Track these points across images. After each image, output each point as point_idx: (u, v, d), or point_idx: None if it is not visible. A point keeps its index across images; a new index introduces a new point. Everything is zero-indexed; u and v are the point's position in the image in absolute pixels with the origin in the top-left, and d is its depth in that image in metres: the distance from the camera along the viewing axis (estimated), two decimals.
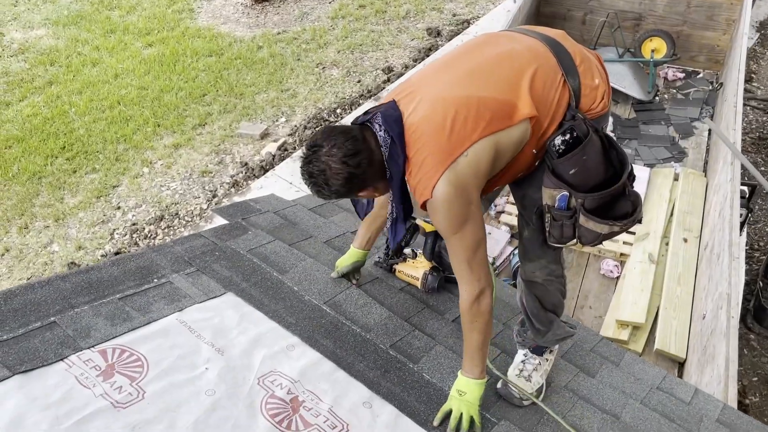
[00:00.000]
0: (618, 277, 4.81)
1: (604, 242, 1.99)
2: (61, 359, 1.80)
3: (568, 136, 1.82)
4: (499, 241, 4.82)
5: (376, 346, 2.20)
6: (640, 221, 1.92)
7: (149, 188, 6.05)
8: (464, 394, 1.92)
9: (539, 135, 1.84)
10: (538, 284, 2.12)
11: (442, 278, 2.53)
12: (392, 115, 1.77)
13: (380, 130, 1.77)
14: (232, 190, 6.02)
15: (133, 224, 5.66)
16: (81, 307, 2.00)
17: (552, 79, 1.83)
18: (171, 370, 1.89)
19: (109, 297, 2.08)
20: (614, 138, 1.94)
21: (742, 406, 4.36)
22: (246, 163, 6.30)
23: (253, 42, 8.25)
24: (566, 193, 1.84)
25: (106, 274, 2.18)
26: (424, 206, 1.80)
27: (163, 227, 5.65)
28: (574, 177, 1.82)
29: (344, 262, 2.43)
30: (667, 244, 4.95)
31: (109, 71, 7.50)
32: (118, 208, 5.84)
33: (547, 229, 1.94)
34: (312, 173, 1.77)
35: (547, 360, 2.23)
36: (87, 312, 1.98)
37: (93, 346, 1.88)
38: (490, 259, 4.84)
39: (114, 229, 5.63)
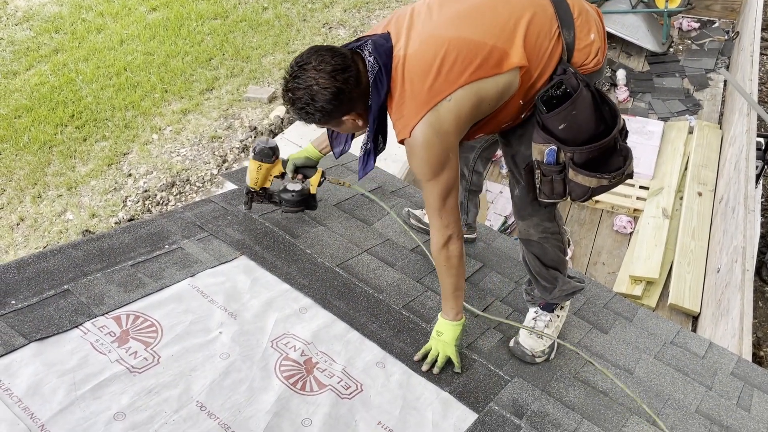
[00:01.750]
0: (631, 233, 4.79)
1: (599, 197, 1.96)
2: (76, 326, 1.82)
3: (557, 90, 1.78)
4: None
5: (388, 306, 2.20)
6: (630, 175, 1.88)
7: (159, 155, 6.04)
8: (441, 334, 1.98)
9: (528, 86, 1.80)
10: (534, 242, 2.11)
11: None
12: (383, 45, 1.74)
13: (369, 57, 1.74)
14: (242, 155, 6.00)
15: (145, 191, 5.67)
16: (94, 274, 2.01)
17: (547, 30, 1.78)
18: (185, 334, 1.91)
19: (122, 264, 2.09)
20: (606, 93, 1.89)
21: (757, 359, 4.36)
22: (255, 127, 6.26)
23: (257, 3, 8.11)
24: (554, 147, 1.81)
25: (117, 242, 2.19)
26: (402, 142, 1.79)
27: (174, 193, 5.66)
28: (564, 132, 1.79)
29: (297, 155, 2.44)
30: (681, 198, 4.90)
31: (114, 37, 7.43)
32: (129, 175, 5.85)
33: (538, 185, 1.91)
34: (297, 88, 1.70)
35: (558, 317, 2.23)
36: (100, 279, 2.00)
37: (107, 313, 1.89)
38: (502, 218, 4.81)
39: (126, 197, 5.65)
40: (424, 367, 1.98)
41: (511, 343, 2.17)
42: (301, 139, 5.76)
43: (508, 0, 1.80)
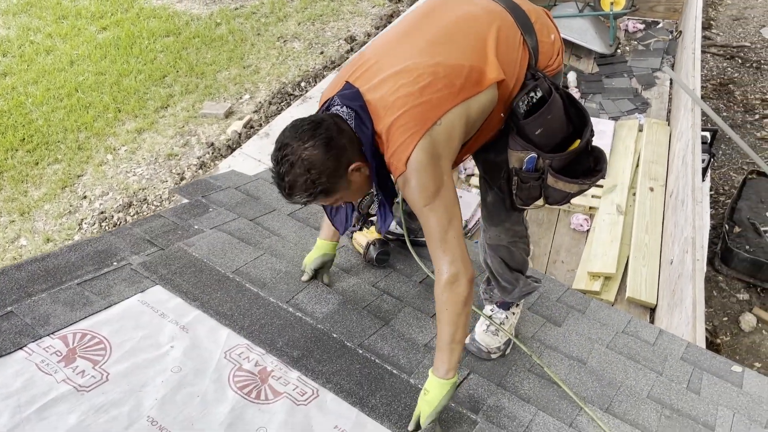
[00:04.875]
0: (588, 231, 4.87)
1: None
2: (20, 348, 1.78)
3: (532, 96, 1.80)
4: (470, 203, 4.83)
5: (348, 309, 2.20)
6: (604, 176, 1.92)
7: (115, 175, 5.95)
8: (427, 393, 1.76)
9: (506, 97, 1.81)
10: (503, 247, 2.11)
11: (386, 251, 2.47)
12: (348, 93, 1.70)
13: (341, 108, 1.69)
14: (200, 171, 5.94)
15: (101, 213, 5.58)
16: (38, 294, 1.97)
17: (513, 40, 1.80)
18: (135, 350, 1.88)
19: (68, 283, 2.05)
20: (573, 95, 1.92)
21: (714, 346, 4.47)
22: (212, 143, 6.21)
23: (210, 19, 8.08)
24: (534, 155, 1.81)
25: (63, 261, 2.14)
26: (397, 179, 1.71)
27: (131, 214, 5.58)
28: (540, 137, 1.80)
29: (311, 257, 2.27)
30: (634, 194, 5.02)
31: (64, 58, 7.31)
32: (85, 197, 5.74)
33: (515, 191, 1.92)
34: (290, 169, 1.61)
35: (513, 314, 2.26)
36: (45, 299, 1.96)
37: (53, 333, 1.85)
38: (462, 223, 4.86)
39: (82, 219, 5.55)
40: (409, 428, 1.79)
41: (467, 341, 2.19)
42: (260, 153, 5.73)
43: (470, 20, 1.80)
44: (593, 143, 1.90)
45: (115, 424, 1.64)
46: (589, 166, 1.86)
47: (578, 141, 1.83)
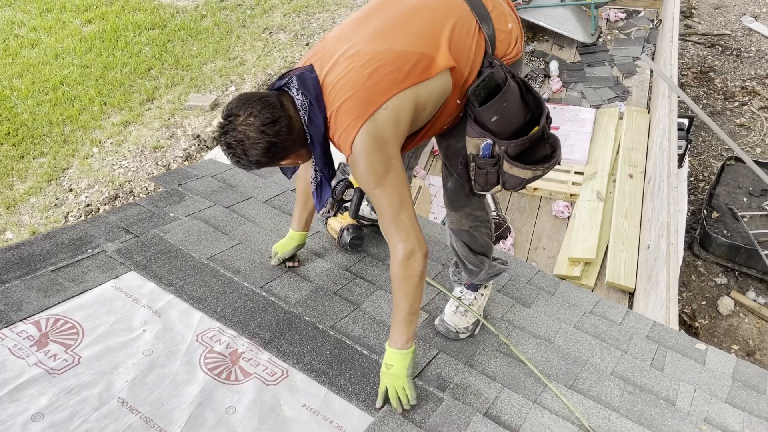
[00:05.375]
0: (569, 217, 4.93)
1: (538, 185, 2.00)
2: None
3: (488, 84, 1.82)
4: None
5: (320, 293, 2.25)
6: (559, 162, 1.96)
7: (101, 168, 5.96)
8: (390, 366, 1.85)
9: (461, 85, 1.84)
10: (465, 231, 2.16)
11: (359, 236, 2.51)
12: (309, 78, 1.73)
13: (297, 94, 1.73)
14: (186, 163, 5.96)
15: (87, 205, 5.59)
16: (12, 282, 2.00)
17: (468, 27, 1.83)
18: (107, 334, 1.92)
19: (41, 270, 2.08)
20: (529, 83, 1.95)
21: (693, 329, 4.55)
22: (198, 135, 6.23)
23: (196, 11, 8.07)
24: (490, 141, 1.86)
25: (37, 249, 2.18)
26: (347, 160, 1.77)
27: (118, 206, 5.59)
28: (496, 124, 1.84)
29: (285, 247, 2.35)
30: (614, 181, 5.07)
31: (49, 52, 7.29)
32: (71, 190, 5.75)
33: (473, 177, 1.96)
34: (230, 144, 1.70)
35: (482, 295, 2.31)
36: (18, 286, 1.99)
37: (26, 318, 1.89)
38: (439, 219, 4.90)
39: (68, 212, 5.56)
40: (377, 404, 1.86)
41: (437, 321, 2.24)
42: None
43: (425, 8, 1.83)
44: (550, 131, 1.94)
45: (85, 405, 1.68)
46: (546, 153, 1.90)
47: (536, 128, 1.86)
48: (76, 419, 1.63)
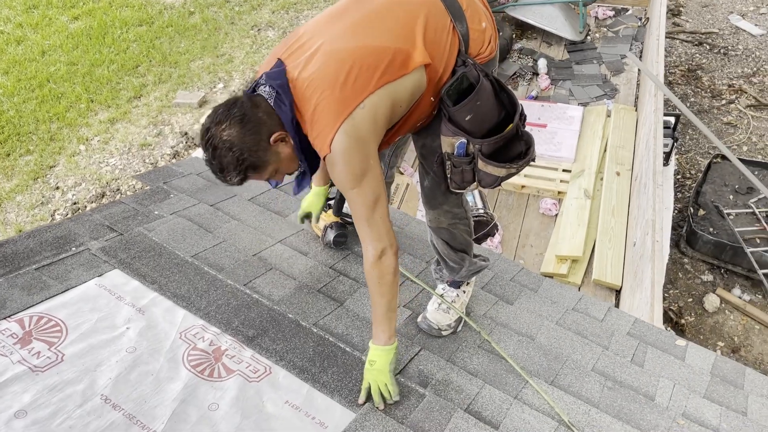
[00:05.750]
0: (557, 215, 4.96)
1: (526, 182, 2.01)
2: None
3: (461, 83, 1.84)
4: None
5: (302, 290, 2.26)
6: (533, 159, 1.97)
7: (87, 166, 5.94)
8: (374, 363, 1.88)
9: (435, 82, 1.85)
10: (444, 229, 2.18)
11: (342, 234, 2.52)
12: (275, 72, 1.74)
13: (265, 88, 1.74)
14: (174, 161, 5.95)
15: (74, 203, 5.57)
16: None
17: (443, 25, 1.84)
18: (91, 332, 1.92)
19: (25, 268, 2.08)
20: (503, 81, 1.96)
21: (679, 326, 4.59)
22: (186, 133, 6.22)
23: (184, 8, 8.04)
24: (464, 140, 1.87)
25: (21, 247, 2.18)
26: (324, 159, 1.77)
27: (105, 204, 5.58)
28: (470, 123, 1.85)
29: (316, 205, 2.41)
30: (601, 179, 5.11)
31: (35, 48, 7.25)
32: (57, 188, 5.73)
33: (449, 176, 1.98)
34: (214, 154, 1.69)
35: (464, 292, 2.32)
36: (2, 284, 1.99)
37: (9, 316, 1.89)
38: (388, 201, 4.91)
39: (54, 210, 5.54)
40: (360, 401, 1.89)
41: (419, 319, 2.25)
42: None
43: (401, 3, 1.83)
44: (524, 128, 1.95)
45: (68, 402, 1.68)
46: (521, 150, 1.92)
47: (510, 125, 1.88)
48: (59, 416, 1.64)
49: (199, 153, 5.75)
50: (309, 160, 1.83)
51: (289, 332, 2.09)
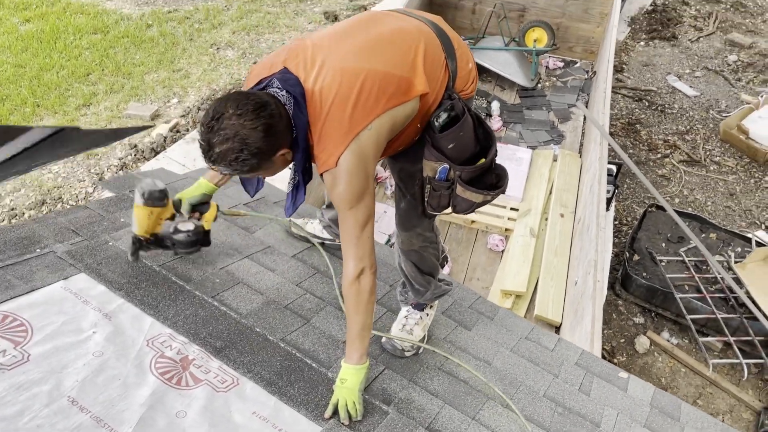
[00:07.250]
0: (503, 251, 5.14)
1: (476, 218, 2.11)
2: None
3: (449, 114, 1.95)
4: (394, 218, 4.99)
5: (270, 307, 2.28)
6: (504, 192, 2.10)
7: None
8: (345, 381, 1.92)
9: (425, 110, 1.95)
10: (414, 251, 2.27)
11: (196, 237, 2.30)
12: (290, 79, 1.76)
13: (280, 91, 1.75)
14: (121, 172, 5.83)
15: (12, 209, 5.38)
16: None
17: (438, 59, 1.95)
18: (57, 334, 1.89)
19: None
20: (481, 118, 2.09)
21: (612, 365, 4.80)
22: (135, 145, 6.12)
23: (141, 20, 7.97)
24: (447, 165, 1.97)
25: None
26: (322, 174, 1.81)
27: (45, 212, 5.40)
28: (452, 150, 1.96)
29: (192, 192, 2.28)
30: (546, 219, 5.34)
31: None
32: None
33: (426, 199, 2.07)
34: (223, 141, 1.64)
35: (427, 315, 2.41)
36: None
37: None
38: (385, 237, 5.01)
39: None
40: (326, 415, 1.91)
41: (383, 339, 2.32)
42: (185, 158, 5.69)
43: (401, 32, 1.93)
44: (496, 162, 2.08)
45: (35, 402, 1.65)
46: (492, 182, 2.04)
47: (483, 159, 2.00)
48: (26, 414, 1.60)
49: (149, 166, 5.67)
50: (304, 174, 1.87)
51: (256, 345, 2.11)
